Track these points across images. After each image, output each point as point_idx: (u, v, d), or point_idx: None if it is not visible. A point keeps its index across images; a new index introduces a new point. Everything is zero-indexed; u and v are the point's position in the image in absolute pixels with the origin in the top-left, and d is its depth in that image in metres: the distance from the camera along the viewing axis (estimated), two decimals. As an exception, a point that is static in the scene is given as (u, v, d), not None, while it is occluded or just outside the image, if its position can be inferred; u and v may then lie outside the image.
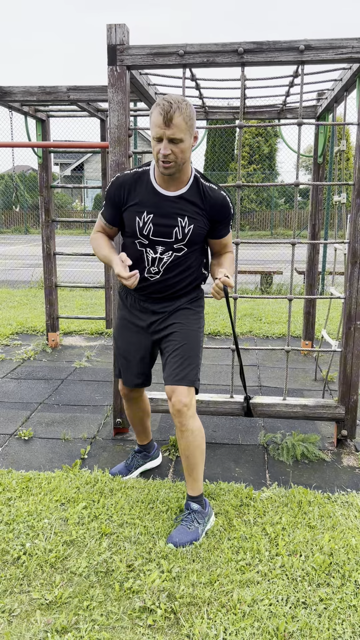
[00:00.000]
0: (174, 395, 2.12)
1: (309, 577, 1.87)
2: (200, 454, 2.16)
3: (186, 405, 2.10)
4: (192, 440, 2.13)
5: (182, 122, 1.93)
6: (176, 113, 1.92)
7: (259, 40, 2.58)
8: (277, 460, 2.81)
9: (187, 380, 2.14)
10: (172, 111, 1.91)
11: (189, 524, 2.10)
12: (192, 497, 2.17)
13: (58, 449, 2.92)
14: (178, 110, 1.92)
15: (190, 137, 2.01)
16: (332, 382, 4.00)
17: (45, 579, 1.85)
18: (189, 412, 2.11)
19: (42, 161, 4.54)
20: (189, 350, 2.19)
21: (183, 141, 1.97)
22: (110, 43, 2.65)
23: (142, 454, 2.67)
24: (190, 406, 2.12)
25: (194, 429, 2.13)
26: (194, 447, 2.13)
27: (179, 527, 2.10)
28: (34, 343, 4.99)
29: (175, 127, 1.93)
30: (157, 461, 2.73)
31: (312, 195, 4.40)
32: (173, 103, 1.92)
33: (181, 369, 2.16)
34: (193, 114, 2.00)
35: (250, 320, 5.93)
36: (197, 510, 2.14)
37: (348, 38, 2.53)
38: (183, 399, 2.11)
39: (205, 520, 2.15)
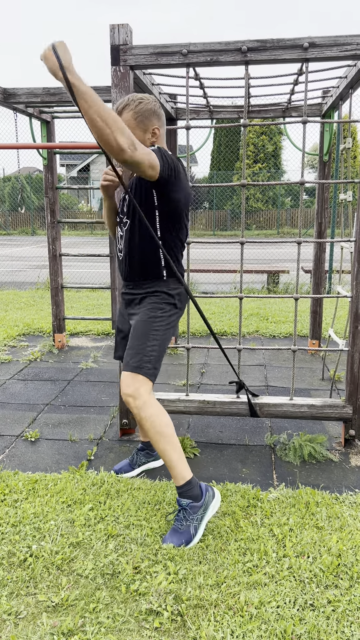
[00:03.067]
0: (121, 388, 2.15)
1: (316, 579, 1.86)
2: (162, 439, 2.09)
3: (131, 396, 2.10)
4: (149, 428, 2.09)
5: (129, 117, 2.12)
6: (125, 109, 2.12)
7: (263, 39, 2.57)
8: (284, 461, 2.79)
9: (130, 367, 2.15)
10: (120, 106, 2.13)
11: (180, 524, 2.07)
12: (178, 489, 2.13)
13: (64, 450, 2.92)
14: (124, 104, 2.12)
15: (143, 132, 2.16)
16: (340, 382, 3.98)
17: (51, 581, 1.85)
18: (136, 402, 2.10)
19: (48, 162, 4.55)
20: (134, 339, 2.21)
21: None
22: (114, 43, 2.64)
23: (145, 451, 2.66)
24: (137, 396, 2.10)
25: (147, 417, 2.09)
26: (153, 434, 2.10)
27: (171, 528, 2.09)
28: (40, 344, 4.99)
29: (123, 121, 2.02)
30: (160, 462, 2.72)
31: (318, 194, 4.37)
32: (127, 100, 2.13)
33: (126, 355, 2.19)
34: (147, 111, 2.13)
35: (257, 319, 5.90)
36: (187, 505, 2.09)
37: (353, 35, 2.51)
38: (126, 389, 2.12)
39: (200, 514, 2.09)
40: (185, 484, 2.12)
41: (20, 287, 9.06)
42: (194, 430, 3.18)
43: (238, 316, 5.98)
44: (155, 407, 2.12)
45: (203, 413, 2.96)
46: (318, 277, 4.52)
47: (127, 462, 2.66)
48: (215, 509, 2.16)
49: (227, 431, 3.16)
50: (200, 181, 28.08)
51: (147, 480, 2.55)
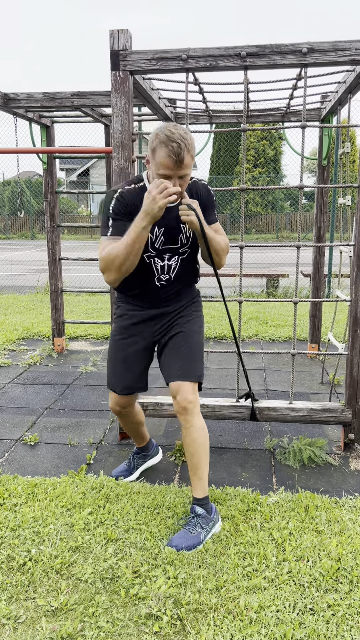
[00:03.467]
0: (179, 394, 2.13)
1: (316, 583, 1.85)
2: (205, 452, 2.16)
3: (192, 402, 2.13)
4: (197, 437, 2.13)
5: (190, 159, 1.96)
6: (185, 153, 1.91)
7: (262, 44, 2.58)
8: (284, 465, 2.79)
9: (193, 376, 2.18)
10: (182, 153, 1.90)
11: (192, 528, 2.08)
12: (197, 500, 2.15)
13: (64, 454, 2.92)
14: (186, 150, 1.91)
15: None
16: (339, 386, 3.98)
17: (50, 586, 1.84)
18: (195, 409, 2.14)
19: (47, 167, 4.56)
20: (192, 348, 2.23)
21: (189, 174, 2.01)
22: (113, 48, 2.65)
23: (140, 454, 2.68)
24: (196, 403, 2.15)
25: (198, 426, 2.14)
26: (198, 444, 2.13)
27: (181, 530, 2.09)
28: (40, 348, 4.99)
29: (186, 166, 1.95)
30: (157, 458, 2.75)
31: (317, 198, 4.38)
32: (181, 143, 1.89)
33: (186, 365, 2.19)
34: (194, 143, 2.01)
35: (256, 323, 5.91)
36: (202, 514, 2.12)
37: (351, 40, 2.52)
38: (189, 396, 2.13)
39: (210, 526, 2.12)
40: (205, 497, 2.16)
41: (19, 291, 9.07)
42: (194, 434, 3.17)
43: (236, 321, 5.98)
44: (203, 419, 2.20)
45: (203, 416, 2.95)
46: (317, 281, 4.52)
47: (125, 466, 2.66)
48: (217, 529, 2.17)
49: (226, 435, 3.16)
50: (199, 185, 27.97)
51: (146, 484, 2.55)
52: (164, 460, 2.84)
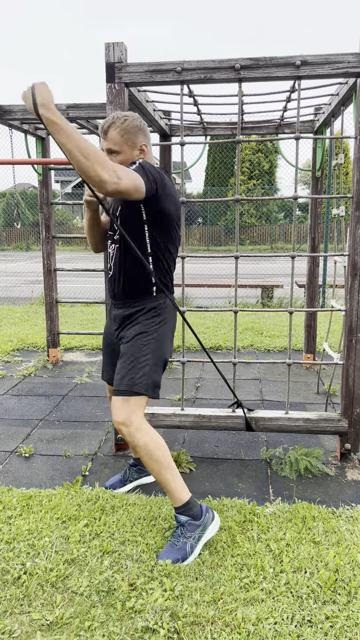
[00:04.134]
0: (112, 414, 2.10)
1: (314, 595, 1.84)
2: (159, 466, 2.05)
3: (122, 424, 2.05)
4: (144, 455, 2.05)
5: (116, 136, 2.11)
6: (112, 128, 2.11)
7: (256, 57, 2.61)
8: (280, 475, 2.78)
9: (120, 391, 2.09)
10: (107, 125, 2.12)
11: (177, 540, 2.05)
12: (177, 509, 2.11)
13: (59, 465, 2.90)
14: (114, 125, 2.11)
15: (131, 149, 2.15)
16: (335, 396, 3.98)
17: (46, 599, 1.82)
18: (129, 430, 2.04)
19: (43, 178, 4.57)
20: (125, 360, 2.15)
21: (120, 153, 2.13)
22: (109, 61, 2.68)
23: (136, 467, 2.65)
24: (129, 423, 2.04)
25: (141, 445, 2.04)
26: (149, 462, 2.06)
27: (167, 544, 2.07)
28: (34, 359, 4.98)
29: (110, 140, 2.12)
30: (152, 478, 2.70)
31: (311, 209, 4.41)
32: (111, 118, 2.12)
33: (119, 376, 2.13)
34: (134, 127, 2.13)
35: (252, 334, 5.91)
36: (185, 522, 2.07)
37: (344, 53, 2.55)
38: (117, 416, 2.07)
39: (198, 532, 2.07)
40: (182, 505, 2.10)
41: (14, 303, 9.05)
42: (190, 445, 3.16)
43: (233, 330, 5.99)
44: (148, 434, 2.06)
45: (198, 427, 2.95)
46: (312, 292, 4.54)
47: (119, 477, 2.64)
48: (214, 531, 2.13)
49: (222, 446, 3.15)
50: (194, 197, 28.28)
51: (142, 495, 2.53)
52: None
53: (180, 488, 2.10)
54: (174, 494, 2.09)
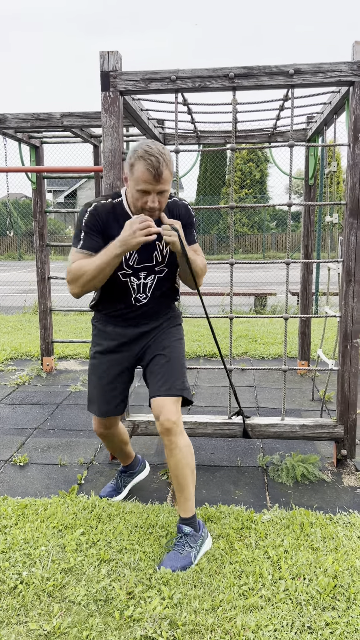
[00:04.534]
0: (161, 414, 2.07)
1: (313, 601, 1.83)
2: (191, 472, 2.11)
3: (175, 423, 2.06)
4: (181, 458, 2.07)
5: (169, 174, 1.95)
6: (164, 167, 1.91)
7: (250, 65, 2.63)
8: (277, 482, 2.77)
9: (174, 390, 2.11)
10: (161, 167, 1.90)
11: (181, 549, 2.04)
12: (184, 520, 2.11)
13: (54, 474, 2.87)
14: (165, 164, 1.91)
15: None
16: (330, 402, 3.98)
17: (42, 609, 1.80)
18: (177, 429, 2.07)
19: (36, 187, 4.58)
20: (172, 362, 2.18)
21: (168, 190, 2.00)
22: (104, 69, 2.69)
23: (127, 472, 2.65)
24: (179, 423, 2.09)
25: (182, 447, 2.08)
26: (183, 465, 2.08)
27: (170, 552, 2.05)
28: (28, 368, 4.95)
29: (164, 181, 1.94)
30: (145, 472, 2.72)
31: (304, 217, 4.44)
32: (159, 157, 1.89)
33: (167, 380, 2.14)
34: (172, 159, 2.00)
35: (246, 341, 5.92)
36: (189, 533, 2.08)
37: (337, 62, 2.58)
38: (171, 416, 2.06)
39: (199, 544, 2.08)
40: (192, 516, 2.13)
41: (7, 312, 9.01)
42: (186, 452, 3.15)
43: (227, 338, 6.00)
44: (187, 438, 2.14)
45: (195, 434, 2.94)
46: (305, 299, 4.56)
47: (112, 486, 2.63)
48: (208, 546, 2.14)
49: (218, 453, 3.14)
50: (186, 206, 28.29)
51: (138, 503, 2.51)
52: (156, 479, 2.81)
53: (194, 499, 2.14)
54: (189, 503, 2.12)
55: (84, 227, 2.05)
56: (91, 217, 2.05)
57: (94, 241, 2.05)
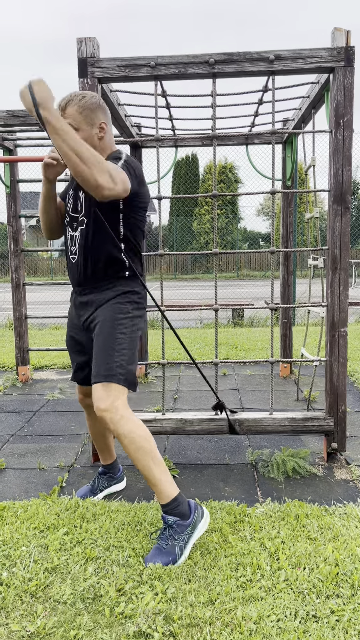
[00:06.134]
0: (94, 402, 1.96)
1: (316, 589, 1.72)
2: (144, 455, 1.93)
3: (106, 411, 1.92)
4: (128, 444, 1.92)
5: (74, 111, 2.01)
6: (69, 104, 2.01)
7: (230, 52, 2.61)
8: (268, 478, 2.67)
9: (100, 376, 1.97)
10: (63, 102, 2.02)
11: (164, 543, 1.90)
12: (163, 506, 1.96)
13: (33, 478, 2.71)
14: (71, 102, 2.01)
15: (90, 126, 2.04)
16: (315, 402, 3.91)
17: (25, 610, 1.64)
18: (113, 417, 1.92)
19: (10, 191, 4.47)
20: (100, 346, 2.03)
21: (78, 130, 2.01)
22: (81, 56, 2.63)
23: (107, 475, 2.50)
24: (113, 410, 1.92)
25: (126, 433, 1.91)
26: (134, 451, 1.92)
27: (153, 547, 1.92)
28: (2, 378, 4.76)
29: (68, 117, 2.00)
30: (122, 484, 2.56)
31: (282, 219, 4.43)
32: (69, 96, 2.03)
33: (95, 364, 2.02)
34: (92, 104, 2.04)
35: (227, 348, 5.84)
36: (173, 523, 1.93)
37: (317, 48, 2.58)
38: (100, 403, 1.93)
39: (187, 532, 1.93)
40: (171, 501, 1.96)
41: (-21, 329, 8.77)
42: (172, 452, 3.02)
43: (206, 346, 5.92)
44: (133, 421, 1.96)
45: (181, 432, 2.83)
46: (286, 300, 4.52)
47: (88, 487, 2.49)
48: (203, 529, 2.01)
49: (205, 452, 3.03)
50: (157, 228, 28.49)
51: (125, 502, 2.37)
52: (142, 479, 2.68)
53: (168, 482, 1.97)
54: (160, 487, 1.95)
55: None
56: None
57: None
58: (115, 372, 1.98)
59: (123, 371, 2.00)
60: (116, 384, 1.97)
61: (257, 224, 34.10)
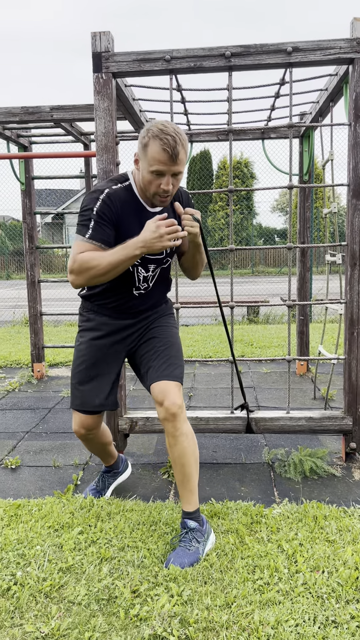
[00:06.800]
0: (166, 398, 1.93)
1: (335, 594, 1.68)
2: (195, 462, 1.98)
3: (180, 407, 1.94)
4: (187, 446, 1.94)
5: (184, 155, 1.83)
6: (180, 147, 1.79)
7: (246, 44, 2.56)
8: (285, 478, 2.63)
9: (175, 377, 2.01)
10: (177, 146, 1.78)
11: (188, 545, 1.89)
12: (188, 514, 1.96)
13: (48, 476, 2.71)
14: (181, 144, 1.80)
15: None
16: (332, 400, 3.85)
17: (39, 610, 1.63)
18: (183, 415, 1.96)
19: (25, 187, 4.46)
20: (174, 351, 2.09)
21: (182, 172, 1.88)
22: (95, 50, 2.60)
23: (110, 472, 2.48)
24: (184, 408, 1.98)
25: (188, 433, 1.97)
26: (189, 454, 1.94)
27: (177, 549, 1.90)
28: (18, 375, 4.77)
29: (180, 162, 1.82)
30: (127, 473, 2.56)
31: (299, 214, 4.36)
32: (175, 136, 1.78)
33: (169, 366, 2.03)
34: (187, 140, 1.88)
35: (242, 345, 5.79)
36: (195, 528, 1.93)
37: (336, 39, 2.52)
38: (177, 400, 1.94)
39: (205, 538, 1.94)
40: (196, 510, 1.99)
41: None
42: (186, 451, 2.99)
43: (221, 343, 5.87)
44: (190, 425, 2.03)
45: (196, 431, 2.78)
46: (303, 296, 4.46)
47: (93, 487, 2.46)
48: (213, 542, 2.00)
49: (221, 451, 2.99)
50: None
51: (139, 501, 2.35)
52: (157, 477, 2.66)
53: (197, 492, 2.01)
54: (194, 496, 1.99)
55: (95, 215, 1.86)
56: (103, 205, 1.87)
57: (106, 232, 1.88)
58: (181, 377, 2.05)
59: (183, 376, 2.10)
60: (181, 387, 2.04)
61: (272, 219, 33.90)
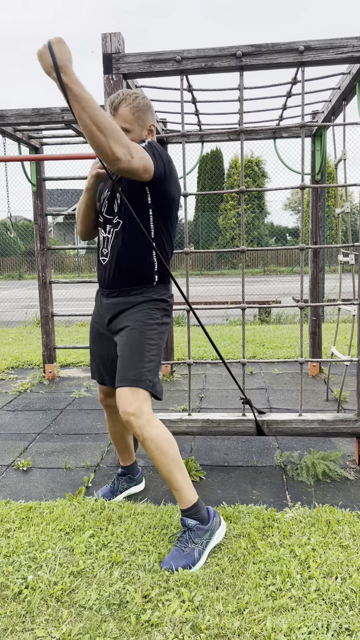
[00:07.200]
0: (119, 407, 1.90)
1: (349, 601, 1.66)
2: (170, 461, 1.91)
3: (133, 414, 1.87)
4: (154, 449, 1.89)
5: (126, 111, 1.98)
6: (122, 103, 1.98)
7: (258, 43, 2.54)
8: (297, 481, 2.60)
9: (128, 381, 1.92)
10: (116, 101, 1.98)
11: (183, 546, 1.88)
12: (183, 512, 1.94)
13: (59, 478, 2.71)
14: (123, 100, 1.98)
15: (141, 128, 2.03)
16: (345, 402, 3.82)
17: (50, 615, 1.62)
18: (140, 422, 1.87)
19: (36, 189, 4.47)
20: (129, 351, 1.98)
21: (130, 131, 1.99)
22: (106, 52, 2.59)
23: (126, 476, 2.47)
24: (140, 414, 1.88)
25: (152, 438, 1.88)
26: (159, 456, 1.89)
27: (172, 549, 1.89)
28: (30, 376, 4.79)
29: (118, 116, 1.97)
30: (141, 486, 2.53)
31: (311, 213, 4.33)
32: (120, 94, 2.00)
33: (122, 368, 1.96)
34: (144, 105, 2.02)
35: (253, 346, 5.77)
36: (193, 526, 1.91)
37: (348, 37, 2.49)
38: (127, 407, 1.88)
39: (207, 537, 1.91)
40: (192, 506, 1.95)
41: (8, 326, 8.87)
42: (197, 453, 2.98)
43: (232, 344, 5.85)
44: (159, 427, 1.93)
45: (207, 433, 2.78)
46: (315, 297, 4.43)
47: (108, 489, 2.46)
48: (220, 537, 1.98)
49: (232, 453, 2.97)
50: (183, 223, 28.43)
51: (151, 504, 2.34)
52: (168, 480, 2.64)
53: (189, 488, 1.96)
54: (182, 493, 1.93)
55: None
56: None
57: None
58: (144, 378, 1.95)
59: (152, 378, 1.97)
60: (144, 390, 1.94)
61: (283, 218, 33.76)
